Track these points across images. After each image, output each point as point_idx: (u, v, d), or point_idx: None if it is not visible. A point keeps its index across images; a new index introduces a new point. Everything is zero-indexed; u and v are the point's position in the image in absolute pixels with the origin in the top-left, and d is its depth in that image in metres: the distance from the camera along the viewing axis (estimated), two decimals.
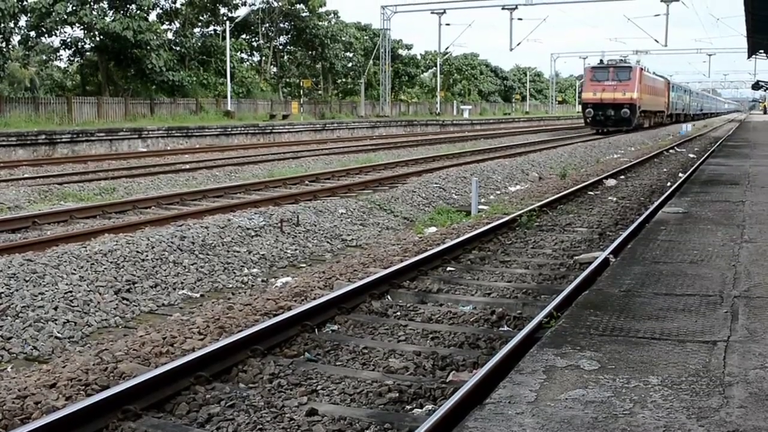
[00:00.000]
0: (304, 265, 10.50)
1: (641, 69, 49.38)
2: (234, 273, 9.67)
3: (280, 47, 63.21)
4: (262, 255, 10.46)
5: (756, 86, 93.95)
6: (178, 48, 50.45)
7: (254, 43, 60.46)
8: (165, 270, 9.15)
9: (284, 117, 47.73)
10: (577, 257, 10.08)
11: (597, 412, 3.70)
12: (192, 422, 5.03)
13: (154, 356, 6.13)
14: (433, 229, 12.76)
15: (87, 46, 46.08)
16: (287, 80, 64.98)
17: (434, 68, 78.31)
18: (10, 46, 40.92)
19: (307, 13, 59.74)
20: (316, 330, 6.89)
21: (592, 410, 3.73)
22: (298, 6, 58.94)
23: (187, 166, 22.57)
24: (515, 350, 5.67)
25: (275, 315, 7.14)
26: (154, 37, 44.06)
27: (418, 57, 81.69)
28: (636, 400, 3.87)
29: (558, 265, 9.77)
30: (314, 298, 7.75)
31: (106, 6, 43.88)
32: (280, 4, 57.71)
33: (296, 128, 43.96)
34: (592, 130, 49.41)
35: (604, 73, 48.22)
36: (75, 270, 8.43)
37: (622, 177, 21.64)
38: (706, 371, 4.28)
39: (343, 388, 5.57)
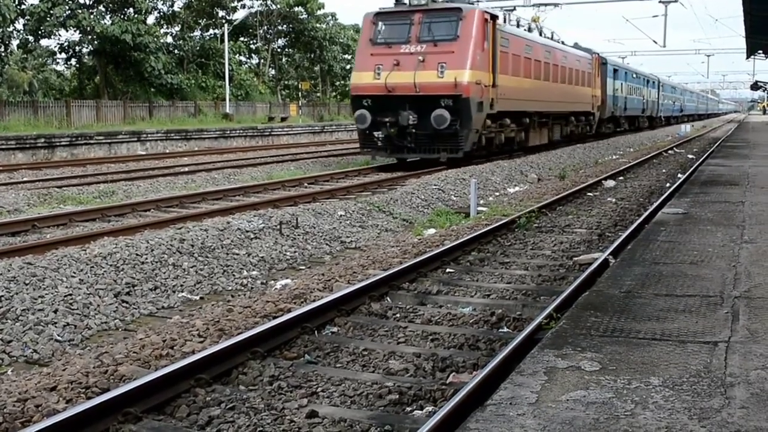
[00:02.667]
0: (303, 267, 10.49)
1: (487, 16, 22.30)
2: (233, 275, 9.66)
3: (279, 50, 63.27)
4: (262, 257, 10.45)
5: (755, 86, 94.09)
6: (176, 51, 50.49)
7: (252, 46, 60.54)
8: (164, 273, 9.14)
9: (283, 119, 47.74)
10: (576, 258, 10.08)
11: (598, 413, 3.70)
12: (192, 425, 5.02)
13: (154, 359, 6.12)
14: (432, 231, 12.76)
15: (85, 50, 46.11)
16: (286, 83, 65.06)
17: None
18: (8, 50, 40.94)
19: (305, 16, 59.80)
20: (315, 332, 6.89)
21: (593, 411, 3.73)
22: (296, 8, 58.99)
23: (186, 169, 22.57)
24: (515, 351, 5.66)
25: (275, 317, 7.13)
26: (153, 41, 44.07)
27: None
28: (637, 401, 3.86)
29: (557, 267, 9.76)
30: (314, 300, 7.74)
31: (104, 9, 43.92)
32: (278, 6, 57.74)
33: (295, 130, 43.97)
34: (374, 159, 23.74)
35: (402, 27, 21.86)
36: (75, 273, 8.42)
37: (621, 178, 21.65)
38: (707, 372, 4.27)
39: (343, 390, 5.56)
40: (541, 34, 30.05)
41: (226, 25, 49.73)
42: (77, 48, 46.11)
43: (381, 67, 21.55)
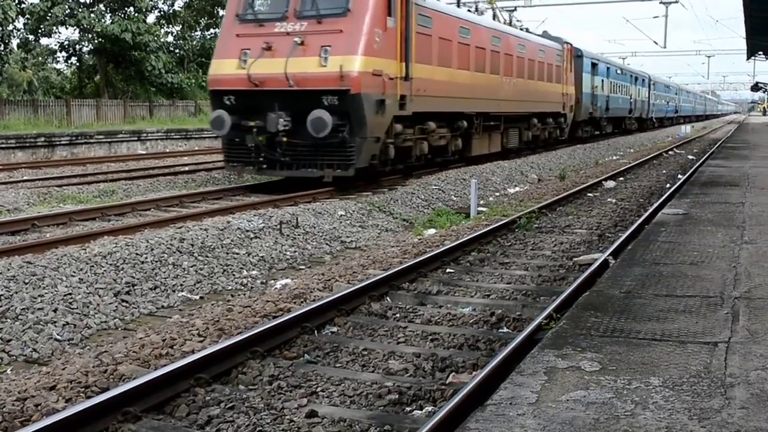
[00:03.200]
0: (303, 267, 10.49)
1: None
2: (233, 275, 9.65)
3: None
4: (262, 257, 10.45)
5: (755, 88, 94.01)
6: (177, 50, 50.49)
7: None
8: (164, 272, 9.13)
9: None
10: (576, 259, 10.07)
11: (598, 413, 3.69)
12: (192, 424, 5.02)
13: (153, 358, 6.11)
14: (432, 231, 12.76)
15: (85, 49, 46.15)
16: None
17: None
18: (8, 49, 40.97)
19: None
20: (315, 332, 6.88)
21: (593, 411, 3.72)
22: None
23: (186, 168, 22.56)
24: (515, 352, 5.66)
25: (275, 317, 7.13)
26: (153, 40, 44.10)
27: None
28: (637, 401, 3.86)
29: (557, 267, 9.76)
30: (314, 300, 7.74)
31: (104, 8, 43.95)
32: None
33: None
34: (241, 177, 18.96)
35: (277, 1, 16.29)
36: (74, 272, 8.41)
37: (621, 179, 21.65)
38: (707, 372, 4.27)
39: (342, 390, 5.56)
40: (494, 18, 25.42)
41: None
42: (77, 47, 46.12)
43: (248, 53, 15.89)
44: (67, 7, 41.37)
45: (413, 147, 18.19)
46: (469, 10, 23.81)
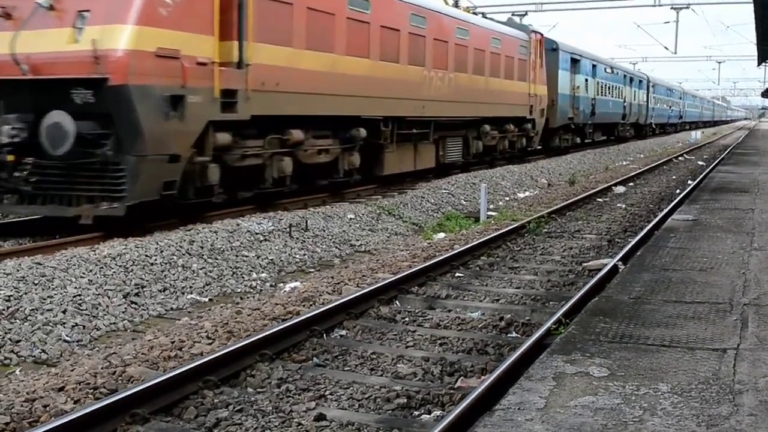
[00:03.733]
0: (312, 270, 10.50)
1: None
2: (243, 277, 9.67)
3: None
4: (271, 260, 10.46)
5: (766, 94, 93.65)
6: None
7: None
8: (174, 274, 9.15)
9: None
10: (586, 264, 10.06)
11: (607, 419, 3.69)
12: (200, 426, 5.03)
13: (162, 360, 6.12)
14: (441, 235, 12.75)
15: None
16: None
17: None
18: None
19: None
20: (324, 335, 6.89)
21: (601, 417, 3.72)
22: None
23: None
24: (524, 356, 5.66)
25: (284, 320, 7.14)
26: None
27: None
28: (646, 407, 3.85)
29: (567, 272, 9.75)
30: (323, 303, 7.75)
31: None
32: None
33: None
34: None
35: None
36: (84, 273, 8.43)
37: (631, 184, 21.62)
38: (715, 379, 4.26)
39: (351, 394, 5.56)
40: None
41: None
42: None
43: None
44: None
45: (267, 166, 13.04)
46: None
